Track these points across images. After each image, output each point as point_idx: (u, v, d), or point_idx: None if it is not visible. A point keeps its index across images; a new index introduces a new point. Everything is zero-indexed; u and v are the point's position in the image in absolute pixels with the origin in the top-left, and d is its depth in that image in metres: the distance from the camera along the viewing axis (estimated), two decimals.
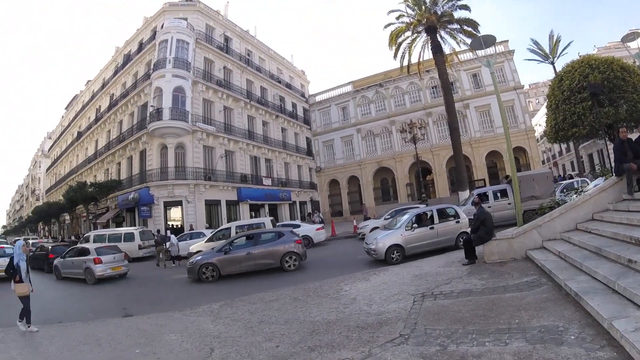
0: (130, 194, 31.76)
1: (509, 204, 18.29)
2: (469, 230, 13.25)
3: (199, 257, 15.20)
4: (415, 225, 13.88)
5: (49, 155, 73.68)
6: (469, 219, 14.43)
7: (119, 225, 33.45)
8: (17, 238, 48.02)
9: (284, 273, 14.30)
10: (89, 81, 52.24)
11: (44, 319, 10.70)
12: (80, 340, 7.95)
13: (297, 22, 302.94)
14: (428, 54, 30.36)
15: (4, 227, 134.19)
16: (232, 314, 8.65)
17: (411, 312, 6.97)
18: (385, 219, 21.15)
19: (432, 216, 14.32)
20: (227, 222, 27.69)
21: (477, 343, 5.17)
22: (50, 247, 23.37)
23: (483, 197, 18.94)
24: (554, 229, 9.84)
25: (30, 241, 33.91)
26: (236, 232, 19.41)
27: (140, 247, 23.53)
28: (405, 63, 31.36)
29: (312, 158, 49.64)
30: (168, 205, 30.83)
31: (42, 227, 60.02)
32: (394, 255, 13.39)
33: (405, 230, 13.76)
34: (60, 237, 47.64)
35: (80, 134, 49.79)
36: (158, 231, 24.43)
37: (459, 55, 33.70)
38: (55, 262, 19.17)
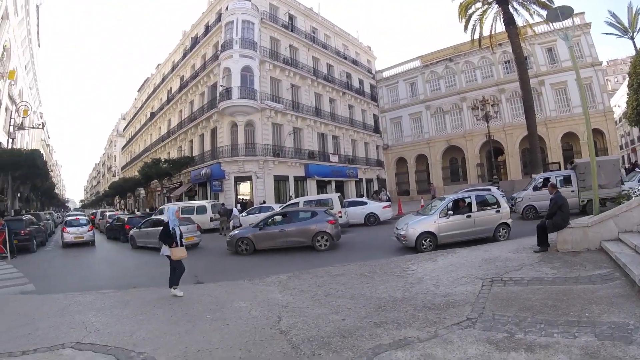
0: (203, 170, 33.42)
1: (572, 191, 17.26)
2: (509, 221, 13.32)
3: (237, 232, 16.04)
4: (450, 212, 12.94)
5: (123, 135, 79.27)
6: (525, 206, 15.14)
7: (191, 199, 35.35)
8: (95, 210, 51.92)
9: (315, 252, 14.55)
10: (159, 65, 55.05)
11: (119, 284, 11.60)
12: (153, 303, 8.36)
13: None
14: (500, 26, 29.02)
15: (81, 201, 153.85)
16: (299, 285, 8.89)
17: (479, 297, 6.88)
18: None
19: (469, 203, 13.21)
20: (295, 198, 28.37)
21: (545, 333, 5.09)
22: (126, 219, 24.82)
23: (547, 182, 18.30)
24: (631, 220, 9.12)
25: (107, 213, 36.25)
26: (304, 206, 20.05)
27: (211, 220, 24.58)
28: (476, 36, 30.17)
29: (379, 135, 49.25)
30: (238, 180, 32.20)
31: (118, 200, 64.16)
32: (424, 244, 12.58)
33: (440, 217, 12.80)
34: (135, 209, 50.73)
35: (153, 114, 52.95)
36: (222, 204, 26.59)
37: (533, 28, 31.82)
38: (131, 232, 20.66)
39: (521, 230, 14.03)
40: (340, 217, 19.14)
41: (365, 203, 23.31)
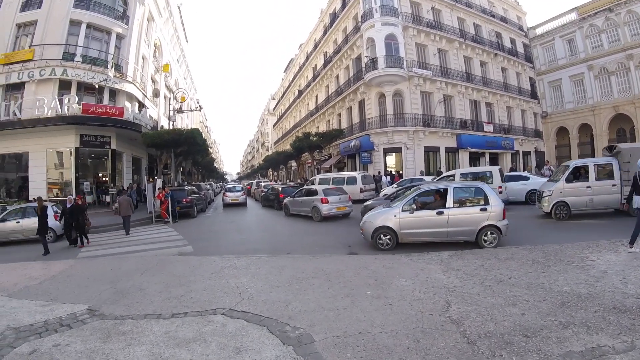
0: (352, 142, 33.01)
1: (614, 185, 12.99)
2: (501, 223, 9.89)
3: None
4: (413, 206, 10.35)
5: (274, 113, 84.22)
6: None
7: (340, 170, 35.47)
8: (250, 181, 55.82)
9: None
10: (301, 44, 56.47)
11: (274, 249, 11.41)
12: (309, 272, 7.85)
13: None
14: None
15: (238, 173, 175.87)
16: (464, 267, 7.69)
17: None
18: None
19: (445, 196, 10.41)
20: (446, 171, 26.48)
21: None
22: (280, 188, 25.62)
23: (582, 172, 13.79)
24: None
25: (262, 183, 38.01)
26: (460, 179, 18.10)
27: (361, 190, 23.94)
28: None
29: (536, 102, 42.83)
30: (388, 151, 31.00)
31: (271, 172, 68.48)
32: (382, 240, 10.45)
33: (402, 210, 10.38)
34: (287, 180, 53.29)
35: (301, 92, 54.53)
36: (379, 172, 27.59)
37: None
38: (285, 200, 21.21)
39: (541, 233, 11.68)
40: (500, 192, 16.99)
41: (527, 178, 20.31)
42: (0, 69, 24.61)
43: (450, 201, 10.17)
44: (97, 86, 25.26)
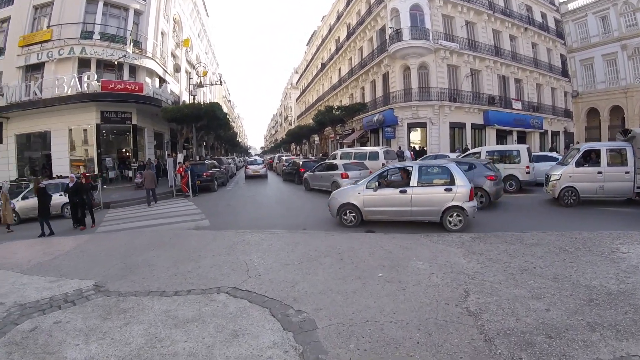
0: (375, 116, 32.24)
1: (627, 173, 11.95)
2: (468, 205, 9.43)
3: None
4: (376, 184, 10.33)
5: (297, 87, 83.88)
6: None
7: (363, 145, 34.84)
8: (272, 155, 55.84)
9: None
10: (324, 17, 55.24)
11: (290, 224, 11.24)
12: (321, 250, 7.54)
13: None
14: None
15: (261, 148, 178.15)
16: (487, 252, 7.14)
17: None
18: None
19: (410, 175, 10.13)
20: (472, 148, 25.41)
21: None
22: (301, 163, 25.34)
23: (593, 156, 12.74)
24: None
25: (284, 157, 37.98)
26: (486, 157, 17.29)
27: (383, 165, 23.40)
28: None
29: (567, 80, 40.89)
30: (412, 126, 30.20)
31: (294, 147, 68.39)
32: (347, 216, 10.54)
33: (367, 188, 10.35)
34: (310, 155, 52.91)
35: (323, 65, 53.48)
36: (399, 147, 27.06)
37: None
38: (305, 175, 21.07)
39: (549, 218, 11.07)
40: (528, 172, 16.46)
41: (556, 159, 19.33)
42: (19, 50, 25.02)
43: (414, 180, 9.92)
44: (116, 63, 25.35)
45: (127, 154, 27.62)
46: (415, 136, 31.19)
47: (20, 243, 10.79)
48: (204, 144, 42.48)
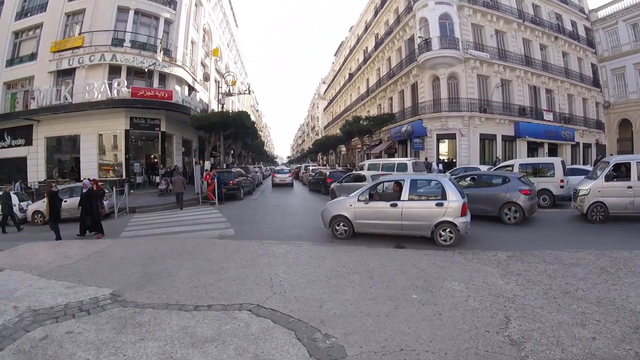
0: (403, 127, 31.79)
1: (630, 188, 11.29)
2: (459, 220, 9.15)
3: None
4: (366, 197, 10.26)
5: (324, 97, 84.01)
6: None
7: (391, 156, 34.38)
8: (299, 165, 55.74)
9: (502, 225, 12.10)
10: (352, 27, 55.39)
11: (317, 236, 10.98)
12: (350, 266, 7.15)
13: None
14: None
15: (288, 157, 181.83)
16: (525, 272, 6.63)
17: None
18: None
19: (402, 188, 9.97)
20: (503, 160, 24.90)
21: None
22: (328, 173, 25.06)
23: (623, 170, 11.87)
24: None
25: (310, 167, 37.69)
26: (519, 171, 16.71)
27: None
28: None
29: (599, 90, 39.51)
30: (441, 137, 29.60)
31: (320, 157, 68.48)
32: (338, 228, 10.53)
33: (358, 200, 10.28)
34: (336, 165, 52.46)
35: (351, 75, 53.46)
36: (426, 159, 27.05)
37: None
38: (332, 185, 20.64)
39: (582, 235, 10.42)
40: (562, 187, 15.78)
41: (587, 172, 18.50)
42: (50, 56, 25.81)
43: (405, 194, 9.81)
44: (146, 70, 25.81)
45: (155, 160, 28.05)
46: (444, 148, 30.56)
47: (43, 244, 10.72)
48: (232, 152, 42.81)
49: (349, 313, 4.93)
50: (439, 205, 9.30)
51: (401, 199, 9.74)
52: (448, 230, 9.22)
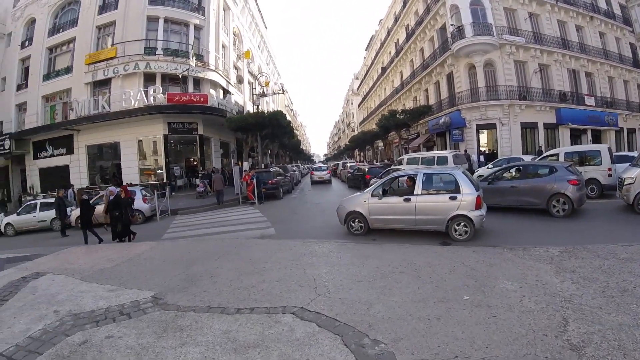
0: (441, 119, 31.11)
1: None
2: (474, 214, 8.96)
3: None
4: (379, 192, 10.25)
5: (358, 93, 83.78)
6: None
7: (429, 149, 33.64)
8: (336, 162, 55.62)
9: (549, 218, 11.35)
10: (381, 20, 54.80)
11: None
12: (395, 265, 6.80)
13: None
14: None
15: (325, 155, 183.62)
16: (580, 268, 6.11)
17: None
18: None
19: (414, 183, 9.96)
20: (545, 149, 24.04)
21: None
22: (366, 169, 24.81)
23: None
24: None
25: (348, 164, 37.53)
26: (564, 159, 15.91)
27: None
28: None
29: None
30: (480, 128, 28.70)
31: (357, 153, 68.24)
32: (354, 224, 10.52)
33: (372, 196, 10.27)
34: (374, 161, 51.73)
35: (384, 69, 52.81)
36: (465, 151, 26.63)
37: None
38: (372, 182, 19.89)
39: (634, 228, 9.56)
40: (610, 175, 14.87)
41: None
42: (85, 68, 26.83)
43: (418, 188, 9.72)
44: (180, 76, 26.37)
45: (195, 163, 28.72)
46: (484, 138, 29.69)
47: (85, 248, 10.99)
48: (269, 152, 43.21)
49: (397, 316, 4.64)
50: (453, 198, 9.18)
51: (414, 193, 9.68)
52: (462, 224, 9.05)
